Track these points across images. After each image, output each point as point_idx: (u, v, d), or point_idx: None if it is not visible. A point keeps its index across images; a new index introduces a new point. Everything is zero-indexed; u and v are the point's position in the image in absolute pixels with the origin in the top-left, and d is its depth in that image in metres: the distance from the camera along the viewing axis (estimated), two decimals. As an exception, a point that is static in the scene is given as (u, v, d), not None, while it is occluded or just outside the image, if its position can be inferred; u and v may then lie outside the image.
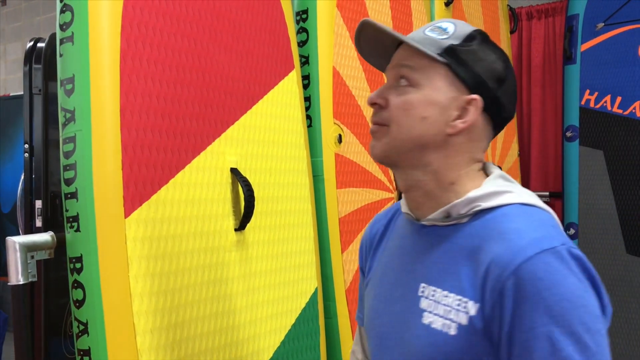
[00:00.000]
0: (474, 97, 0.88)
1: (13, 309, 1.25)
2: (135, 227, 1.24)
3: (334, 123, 1.88)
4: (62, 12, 1.26)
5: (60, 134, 1.26)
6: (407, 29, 2.23)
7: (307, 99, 1.86)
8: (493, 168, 0.93)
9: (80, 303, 1.21)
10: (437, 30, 0.91)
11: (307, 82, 1.87)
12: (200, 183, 1.41)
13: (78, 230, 1.21)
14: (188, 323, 1.34)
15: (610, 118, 2.89)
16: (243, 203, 1.50)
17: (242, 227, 1.50)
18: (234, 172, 1.50)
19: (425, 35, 0.91)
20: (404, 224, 0.99)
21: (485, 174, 0.93)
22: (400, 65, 0.91)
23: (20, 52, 5.86)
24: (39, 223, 1.98)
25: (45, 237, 1.30)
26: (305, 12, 1.88)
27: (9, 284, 1.24)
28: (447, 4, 2.47)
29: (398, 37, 0.90)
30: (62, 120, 1.25)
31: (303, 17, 1.89)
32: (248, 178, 1.52)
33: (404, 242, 0.97)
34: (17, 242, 1.23)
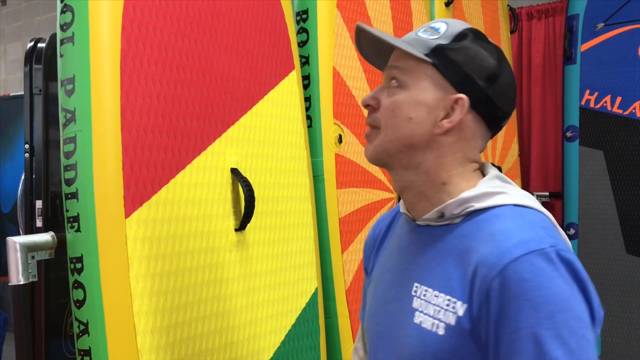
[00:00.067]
0: (460, 96, 0.87)
1: (13, 309, 1.25)
2: (136, 227, 1.24)
3: (334, 123, 1.88)
4: (62, 12, 1.26)
5: (61, 135, 1.26)
6: (407, 29, 2.23)
7: (307, 99, 1.86)
8: (490, 169, 0.93)
9: (81, 303, 1.21)
10: (429, 31, 0.91)
11: (307, 82, 1.87)
12: (201, 183, 1.41)
13: (78, 231, 1.21)
14: (188, 323, 1.34)
15: (610, 118, 2.89)
16: (243, 203, 1.50)
17: (242, 227, 1.50)
18: (234, 172, 1.51)
19: (416, 37, 0.91)
20: (403, 224, 1.00)
21: (483, 175, 0.92)
22: (391, 67, 0.92)
23: (20, 52, 5.86)
24: (40, 223, 1.98)
25: (46, 237, 1.30)
26: (306, 12, 1.88)
27: (10, 284, 1.24)
28: (447, 4, 2.48)
29: (385, 39, 0.91)
30: (62, 121, 1.25)
31: (303, 17, 1.89)
32: (248, 178, 1.52)
33: (402, 242, 0.98)
34: (17, 242, 1.24)
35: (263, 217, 1.59)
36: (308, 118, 1.86)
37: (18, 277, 1.24)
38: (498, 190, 0.86)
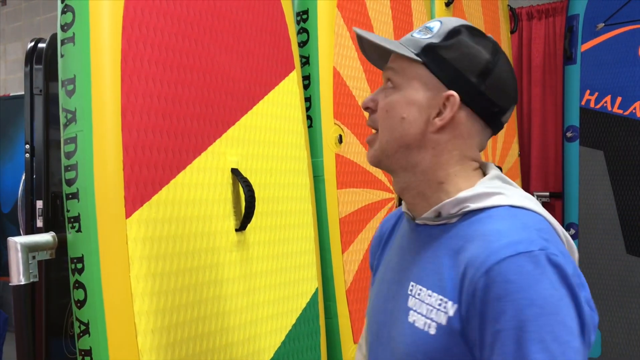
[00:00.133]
0: (450, 93, 0.87)
1: (14, 309, 1.26)
2: (137, 227, 1.24)
3: (335, 123, 1.88)
4: (63, 12, 1.26)
5: (62, 135, 1.26)
6: (407, 29, 2.23)
7: (307, 100, 1.87)
8: (492, 169, 0.92)
9: (82, 303, 1.21)
10: (423, 31, 0.91)
11: (307, 82, 1.87)
12: (201, 183, 1.41)
13: (79, 231, 1.21)
14: (189, 323, 1.34)
15: (611, 118, 2.90)
16: (244, 203, 1.50)
17: (242, 227, 1.50)
18: (235, 172, 1.51)
19: (411, 37, 0.92)
20: (405, 223, 1.00)
21: (484, 174, 0.92)
22: (387, 68, 0.93)
23: (21, 52, 5.86)
24: (40, 223, 1.99)
25: (47, 237, 1.30)
26: (306, 12, 1.88)
27: (11, 284, 1.24)
28: (447, 4, 2.48)
29: (377, 42, 0.91)
30: (63, 121, 1.25)
31: (303, 17, 1.89)
32: (249, 178, 1.52)
33: (403, 241, 0.98)
34: (18, 242, 1.24)
35: (263, 217, 1.59)
36: (308, 118, 1.86)
37: (19, 277, 1.24)
38: (495, 191, 0.86)
